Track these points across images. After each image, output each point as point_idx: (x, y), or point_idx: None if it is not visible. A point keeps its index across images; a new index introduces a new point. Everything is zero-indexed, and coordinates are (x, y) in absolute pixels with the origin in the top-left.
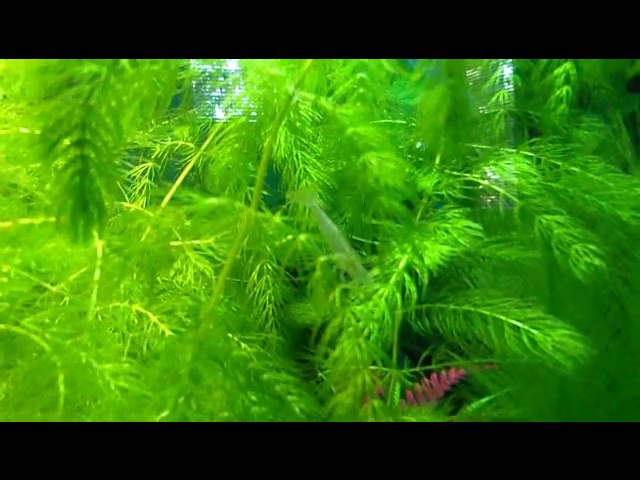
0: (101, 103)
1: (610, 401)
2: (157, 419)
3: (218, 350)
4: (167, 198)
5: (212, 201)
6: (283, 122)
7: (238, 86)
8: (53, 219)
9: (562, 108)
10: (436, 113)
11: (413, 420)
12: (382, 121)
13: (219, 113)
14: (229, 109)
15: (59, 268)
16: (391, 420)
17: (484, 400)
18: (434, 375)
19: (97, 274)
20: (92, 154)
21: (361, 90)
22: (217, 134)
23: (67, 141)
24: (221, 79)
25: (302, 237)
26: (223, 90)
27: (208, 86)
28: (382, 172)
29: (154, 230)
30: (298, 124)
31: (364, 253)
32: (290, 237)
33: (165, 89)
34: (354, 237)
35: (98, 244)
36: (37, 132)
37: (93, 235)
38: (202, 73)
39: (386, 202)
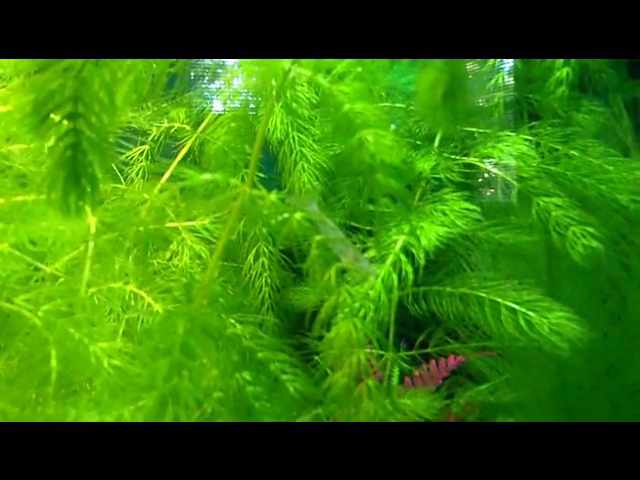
0: (94, 77)
1: (608, 386)
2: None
3: (212, 327)
4: (164, 177)
5: (207, 176)
6: (280, 103)
7: (234, 64)
8: (45, 195)
9: (562, 90)
10: (433, 89)
11: (409, 403)
12: (382, 104)
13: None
14: (226, 89)
15: (52, 246)
16: (387, 402)
17: (482, 387)
18: (433, 362)
19: (90, 250)
20: (85, 128)
21: (359, 69)
22: (214, 115)
23: (59, 115)
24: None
25: (297, 215)
26: (219, 70)
27: (203, 66)
28: (378, 148)
29: (150, 206)
30: (295, 105)
31: (361, 237)
32: (286, 215)
33: (159, 66)
34: (352, 223)
35: (91, 220)
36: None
37: (86, 212)
38: None
39: (383, 180)
